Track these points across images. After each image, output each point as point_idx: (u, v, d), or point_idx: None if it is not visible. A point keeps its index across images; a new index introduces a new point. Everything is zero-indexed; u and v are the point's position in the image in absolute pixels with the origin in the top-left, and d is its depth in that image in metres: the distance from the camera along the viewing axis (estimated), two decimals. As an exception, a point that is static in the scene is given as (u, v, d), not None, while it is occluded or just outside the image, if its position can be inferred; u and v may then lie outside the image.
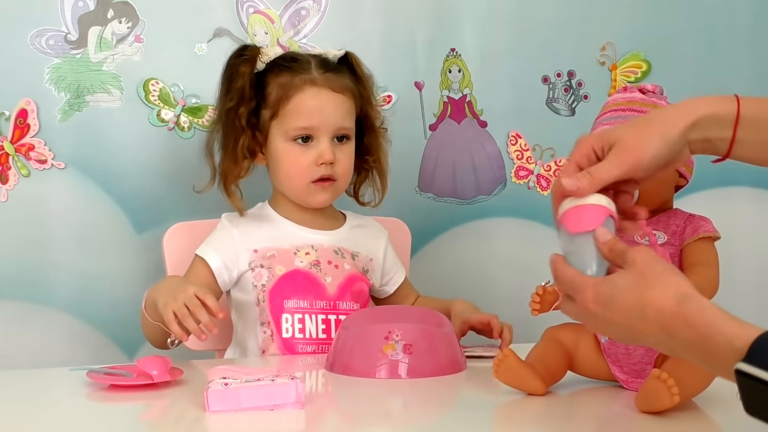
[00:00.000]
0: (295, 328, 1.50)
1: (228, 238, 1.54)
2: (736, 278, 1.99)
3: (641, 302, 0.84)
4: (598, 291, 0.88)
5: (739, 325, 0.79)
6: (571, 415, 1.15)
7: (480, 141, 2.00)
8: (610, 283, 0.88)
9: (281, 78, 1.54)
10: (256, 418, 1.05)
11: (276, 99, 1.53)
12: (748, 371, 0.74)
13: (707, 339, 0.80)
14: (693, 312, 0.82)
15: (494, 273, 1.97)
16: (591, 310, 0.88)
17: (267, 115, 1.54)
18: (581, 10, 2.03)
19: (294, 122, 1.52)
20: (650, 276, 0.85)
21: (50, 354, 1.75)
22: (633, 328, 0.86)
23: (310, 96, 1.53)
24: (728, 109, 0.97)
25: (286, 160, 1.54)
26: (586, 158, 0.98)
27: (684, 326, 0.81)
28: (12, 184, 1.75)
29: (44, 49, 1.76)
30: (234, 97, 1.54)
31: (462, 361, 1.35)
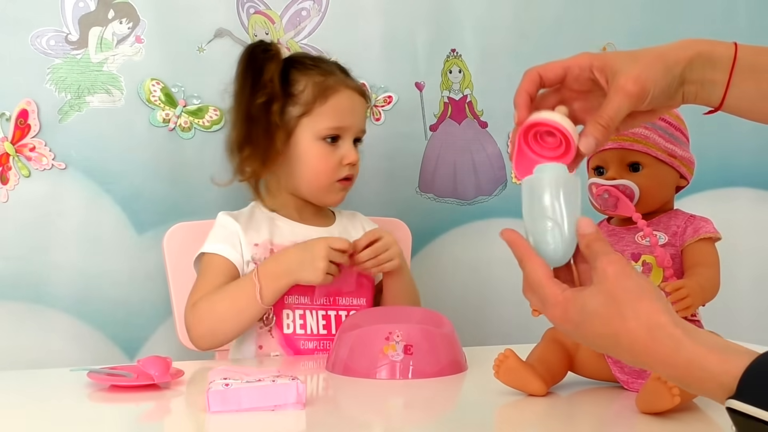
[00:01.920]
0: (296, 324, 1.51)
1: (232, 233, 1.54)
2: (737, 279, 2.00)
3: (614, 332, 0.79)
4: (567, 311, 0.83)
5: (721, 358, 0.73)
6: (571, 415, 1.15)
7: (480, 141, 2.01)
8: (580, 303, 0.82)
9: (313, 77, 1.55)
10: (256, 419, 1.05)
11: (311, 97, 1.54)
12: (740, 409, 0.70)
13: (690, 377, 0.75)
14: (668, 350, 0.76)
15: (495, 273, 1.97)
16: (562, 326, 0.84)
17: (296, 113, 1.54)
18: (581, 10, 2.03)
19: (328, 122, 1.53)
20: (621, 301, 0.79)
21: (51, 354, 1.75)
22: (607, 349, 0.82)
23: (345, 97, 1.56)
24: (726, 52, 0.93)
25: (314, 158, 1.54)
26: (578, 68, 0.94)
27: (661, 365, 0.77)
28: (12, 184, 1.75)
29: (45, 50, 1.76)
30: (266, 93, 1.53)
31: (463, 362, 1.35)
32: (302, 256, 1.45)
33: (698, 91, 0.94)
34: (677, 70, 0.91)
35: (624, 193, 1.21)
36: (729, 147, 2.08)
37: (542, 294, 0.85)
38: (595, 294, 0.81)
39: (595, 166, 1.27)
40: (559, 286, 0.85)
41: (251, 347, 1.52)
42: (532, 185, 0.90)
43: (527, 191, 0.90)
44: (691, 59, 0.92)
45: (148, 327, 1.81)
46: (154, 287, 1.79)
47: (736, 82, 0.94)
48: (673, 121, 1.26)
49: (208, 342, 1.49)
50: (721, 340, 0.77)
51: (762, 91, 0.95)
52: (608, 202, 1.22)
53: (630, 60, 0.91)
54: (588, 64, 0.93)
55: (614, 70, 0.91)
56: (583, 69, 0.93)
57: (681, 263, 1.22)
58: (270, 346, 1.51)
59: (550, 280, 0.85)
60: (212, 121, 1.83)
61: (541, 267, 0.86)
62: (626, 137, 1.24)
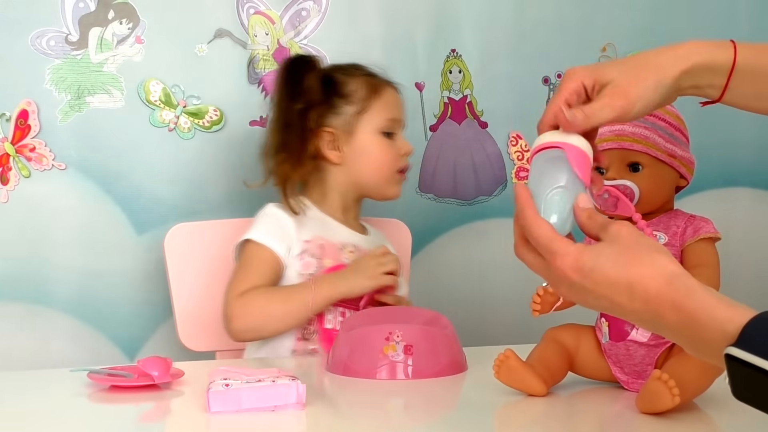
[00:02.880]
0: (336, 321, 1.54)
1: (281, 227, 1.57)
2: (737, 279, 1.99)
3: (628, 278, 0.80)
4: (579, 258, 0.82)
5: (730, 308, 0.75)
6: (571, 415, 1.15)
7: (480, 142, 2.01)
8: (594, 252, 0.82)
9: (360, 77, 1.64)
10: (257, 419, 1.05)
11: (365, 94, 1.62)
12: (738, 356, 0.72)
13: (696, 323, 0.76)
14: (682, 294, 0.78)
15: (495, 274, 1.97)
16: (568, 277, 0.83)
17: (352, 111, 1.61)
18: (581, 10, 2.03)
19: (386, 114, 1.62)
20: (638, 251, 0.81)
21: (51, 355, 1.75)
22: (614, 302, 0.81)
23: (392, 93, 1.66)
24: (724, 57, 0.94)
25: (377, 151, 1.61)
26: (576, 94, 0.95)
27: (672, 309, 0.78)
28: (13, 185, 1.75)
29: (45, 50, 1.76)
30: (304, 100, 1.60)
31: (463, 362, 1.35)
32: (357, 266, 1.53)
33: (695, 92, 0.96)
34: (668, 83, 0.93)
35: (624, 193, 1.21)
36: (729, 147, 2.08)
37: (552, 247, 0.85)
38: (610, 246, 0.83)
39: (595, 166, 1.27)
40: (568, 239, 0.86)
41: (291, 339, 1.53)
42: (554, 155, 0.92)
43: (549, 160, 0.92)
44: (686, 71, 0.94)
45: (148, 327, 1.81)
46: (154, 287, 1.79)
47: (734, 85, 0.95)
48: (673, 122, 1.26)
49: (250, 336, 1.54)
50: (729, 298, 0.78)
51: (759, 92, 0.96)
52: (608, 203, 1.22)
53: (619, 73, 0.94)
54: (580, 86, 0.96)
55: (603, 83, 0.94)
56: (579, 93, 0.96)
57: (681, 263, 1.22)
58: (309, 338, 1.53)
59: (556, 234, 0.86)
60: (212, 121, 1.83)
61: (546, 225, 0.87)
62: (626, 137, 1.24)
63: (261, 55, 1.86)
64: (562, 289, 0.86)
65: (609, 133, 1.25)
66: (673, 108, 1.28)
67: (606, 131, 1.26)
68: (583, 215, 0.88)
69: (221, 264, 1.71)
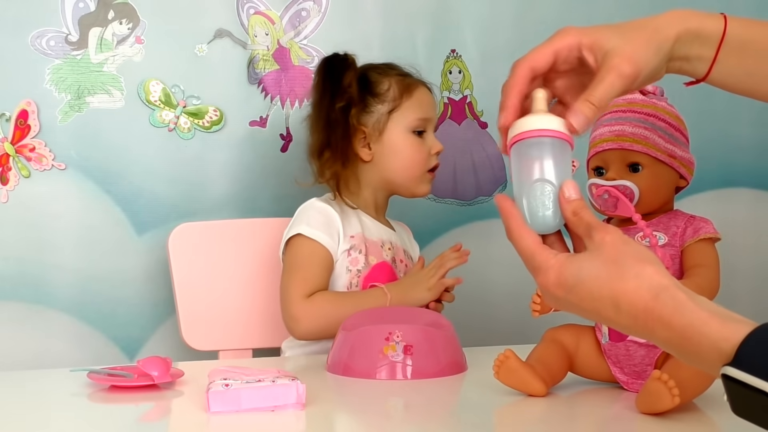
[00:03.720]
0: None
1: (329, 222, 1.58)
2: (737, 279, 2.00)
3: (613, 294, 0.76)
4: (561, 274, 0.79)
5: (722, 324, 0.72)
6: (571, 416, 1.15)
7: (480, 142, 2.01)
8: (576, 266, 0.79)
9: (394, 76, 1.66)
10: (256, 419, 1.05)
11: (397, 93, 1.63)
12: (735, 376, 0.69)
13: (688, 340, 0.73)
14: (670, 309, 0.74)
15: (494, 274, 1.97)
16: (552, 292, 0.80)
17: (384, 110, 1.63)
18: (582, 11, 2.03)
19: (416, 113, 1.63)
20: (622, 263, 0.77)
21: (51, 355, 1.75)
22: (601, 315, 0.78)
23: (425, 92, 1.67)
24: (715, 27, 0.91)
25: (408, 149, 1.63)
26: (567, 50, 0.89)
27: (661, 326, 0.74)
28: (12, 185, 1.75)
29: (45, 50, 1.76)
30: (345, 98, 1.61)
31: (463, 362, 1.35)
32: (417, 279, 1.58)
33: (682, 66, 0.92)
34: (667, 48, 0.89)
35: (624, 193, 1.21)
36: (729, 147, 2.08)
37: (533, 262, 0.82)
38: (592, 258, 0.79)
39: (595, 166, 1.27)
40: (550, 252, 0.82)
41: None
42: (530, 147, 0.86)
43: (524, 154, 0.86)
44: (679, 35, 0.90)
45: (148, 327, 1.81)
46: (154, 287, 1.79)
47: (722, 59, 0.92)
48: (673, 122, 1.26)
49: (314, 337, 1.53)
50: (723, 309, 0.74)
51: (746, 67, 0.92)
52: (608, 203, 1.22)
53: (622, 38, 0.88)
54: (576, 43, 0.89)
55: (606, 49, 0.87)
56: (572, 49, 0.89)
57: (681, 264, 1.22)
58: None
59: (539, 246, 0.83)
60: (212, 121, 1.84)
61: (530, 235, 0.83)
62: (626, 138, 1.24)
63: (261, 55, 1.87)
64: (549, 300, 0.83)
65: (609, 133, 1.25)
66: (673, 108, 1.28)
67: (606, 131, 1.26)
68: (568, 210, 0.83)
69: (225, 263, 1.72)
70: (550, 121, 0.86)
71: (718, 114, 2.04)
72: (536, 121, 0.86)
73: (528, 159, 0.85)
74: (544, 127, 0.85)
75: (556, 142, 0.85)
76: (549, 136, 0.85)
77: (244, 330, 1.72)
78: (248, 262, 1.73)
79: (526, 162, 0.85)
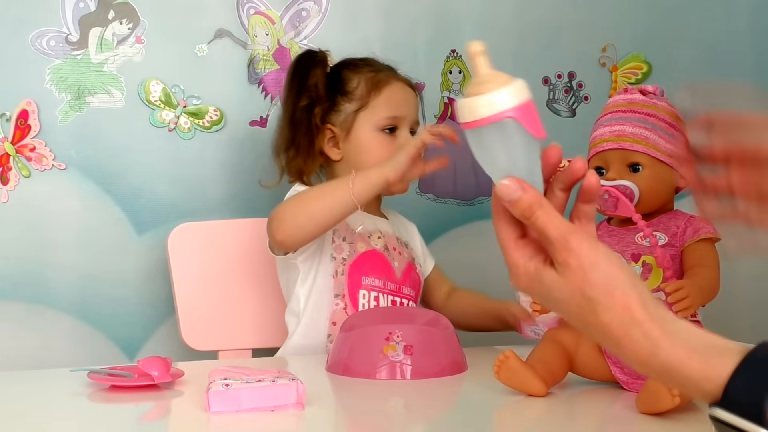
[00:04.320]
0: (370, 305, 1.54)
1: None
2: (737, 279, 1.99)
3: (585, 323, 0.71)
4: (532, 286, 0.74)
5: (703, 363, 0.67)
6: (571, 416, 1.15)
7: (480, 142, 2.00)
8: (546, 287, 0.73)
9: (365, 73, 1.63)
10: (256, 419, 1.05)
11: (365, 91, 1.61)
12: (724, 419, 0.65)
13: (669, 380, 0.70)
14: (644, 351, 0.69)
15: (495, 274, 1.95)
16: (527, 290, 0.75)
17: (352, 108, 1.61)
18: (582, 11, 2.03)
19: (384, 112, 1.60)
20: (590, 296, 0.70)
21: (51, 355, 1.75)
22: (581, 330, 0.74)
23: (398, 89, 1.63)
24: None
25: (375, 149, 1.60)
26: None
27: (637, 363, 0.70)
28: (13, 185, 1.75)
29: (45, 50, 1.76)
30: (310, 96, 1.61)
31: (463, 362, 1.35)
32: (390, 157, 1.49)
33: None
34: None
35: (624, 193, 1.21)
36: (729, 147, 2.08)
37: (506, 260, 0.76)
38: (561, 284, 0.72)
39: (595, 166, 1.27)
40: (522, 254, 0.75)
41: (325, 323, 1.53)
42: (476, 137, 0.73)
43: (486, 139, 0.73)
44: None
45: (148, 327, 1.80)
46: (154, 287, 1.79)
47: None
48: (673, 122, 1.26)
49: (291, 233, 1.48)
50: (703, 337, 0.70)
51: None
52: (608, 203, 1.22)
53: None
54: None
55: None
56: None
57: (681, 264, 1.22)
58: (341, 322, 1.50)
59: (512, 242, 0.76)
60: (212, 121, 1.83)
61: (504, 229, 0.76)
62: (626, 138, 1.24)
63: (261, 55, 1.86)
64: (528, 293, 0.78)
65: (609, 133, 1.25)
66: (673, 108, 1.28)
67: (606, 131, 1.26)
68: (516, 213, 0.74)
69: (224, 263, 1.72)
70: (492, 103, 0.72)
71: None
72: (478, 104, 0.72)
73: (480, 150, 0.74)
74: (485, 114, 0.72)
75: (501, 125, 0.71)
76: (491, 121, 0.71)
77: (244, 330, 1.72)
78: (248, 262, 1.73)
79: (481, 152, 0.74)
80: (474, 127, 0.72)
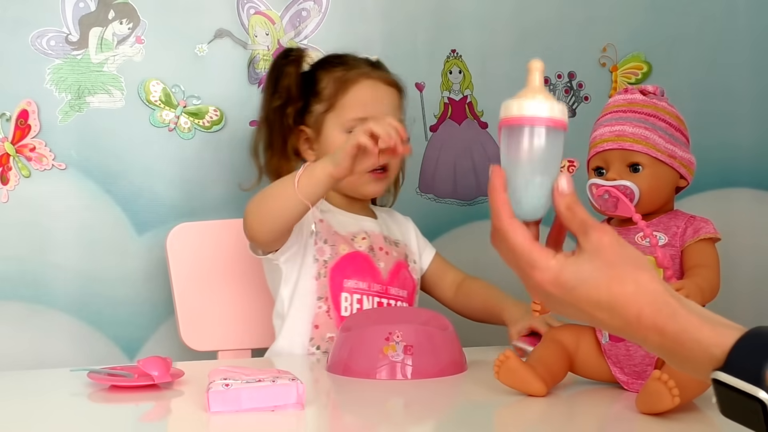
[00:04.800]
0: (353, 308, 1.52)
1: None
2: (737, 279, 1.99)
3: (609, 299, 0.77)
4: (560, 275, 0.79)
5: (715, 331, 0.74)
6: (571, 416, 1.15)
7: (481, 142, 2.01)
8: (574, 268, 0.78)
9: (335, 73, 1.59)
10: (256, 419, 1.05)
11: (332, 92, 1.58)
12: (725, 381, 0.72)
13: (679, 344, 0.76)
14: (665, 315, 0.76)
15: (495, 274, 1.95)
16: (546, 290, 0.80)
17: (321, 110, 1.58)
18: (582, 11, 2.03)
19: (352, 113, 1.56)
20: (620, 268, 0.78)
21: (51, 354, 1.75)
22: (595, 319, 0.79)
23: (366, 87, 1.58)
24: None
25: None
26: None
27: (653, 331, 0.76)
28: (13, 184, 1.75)
29: (45, 50, 1.76)
30: (282, 96, 1.59)
31: (463, 362, 1.35)
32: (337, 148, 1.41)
33: None
34: None
35: (624, 193, 1.21)
36: (729, 148, 2.08)
37: (529, 258, 0.80)
38: (591, 260, 0.79)
39: (595, 166, 1.27)
40: (548, 251, 0.80)
41: (307, 326, 1.51)
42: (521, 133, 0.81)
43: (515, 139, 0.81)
44: None
45: (148, 327, 1.81)
46: (154, 287, 1.79)
47: None
48: (674, 122, 1.26)
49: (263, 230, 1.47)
50: (711, 314, 0.77)
51: None
52: (608, 203, 1.22)
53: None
54: None
55: None
56: None
57: (681, 264, 1.22)
58: (327, 327, 1.51)
59: (535, 243, 0.81)
60: (212, 121, 1.83)
61: (522, 229, 0.81)
62: (626, 138, 1.24)
63: (261, 55, 1.87)
64: (540, 299, 0.82)
65: (609, 133, 1.25)
66: (674, 108, 1.28)
67: (606, 131, 1.26)
68: (562, 204, 0.81)
69: (223, 263, 1.72)
70: (544, 106, 0.80)
71: (718, 114, 2.04)
72: (531, 104, 0.81)
73: (518, 146, 0.81)
74: (538, 114, 0.80)
75: (550, 129, 0.80)
76: (543, 124, 0.80)
77: (243, 330, 1.72)
78: (247, 262, 1.72)
79: (516, 148, 0.81)
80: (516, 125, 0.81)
